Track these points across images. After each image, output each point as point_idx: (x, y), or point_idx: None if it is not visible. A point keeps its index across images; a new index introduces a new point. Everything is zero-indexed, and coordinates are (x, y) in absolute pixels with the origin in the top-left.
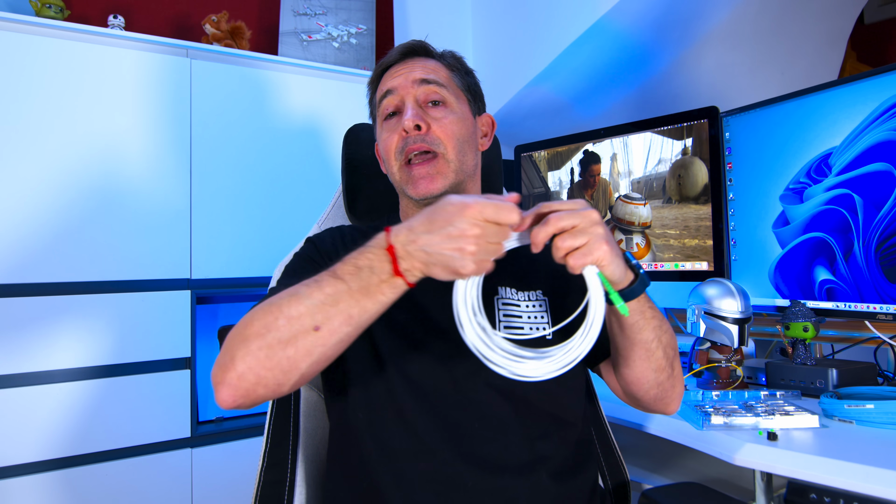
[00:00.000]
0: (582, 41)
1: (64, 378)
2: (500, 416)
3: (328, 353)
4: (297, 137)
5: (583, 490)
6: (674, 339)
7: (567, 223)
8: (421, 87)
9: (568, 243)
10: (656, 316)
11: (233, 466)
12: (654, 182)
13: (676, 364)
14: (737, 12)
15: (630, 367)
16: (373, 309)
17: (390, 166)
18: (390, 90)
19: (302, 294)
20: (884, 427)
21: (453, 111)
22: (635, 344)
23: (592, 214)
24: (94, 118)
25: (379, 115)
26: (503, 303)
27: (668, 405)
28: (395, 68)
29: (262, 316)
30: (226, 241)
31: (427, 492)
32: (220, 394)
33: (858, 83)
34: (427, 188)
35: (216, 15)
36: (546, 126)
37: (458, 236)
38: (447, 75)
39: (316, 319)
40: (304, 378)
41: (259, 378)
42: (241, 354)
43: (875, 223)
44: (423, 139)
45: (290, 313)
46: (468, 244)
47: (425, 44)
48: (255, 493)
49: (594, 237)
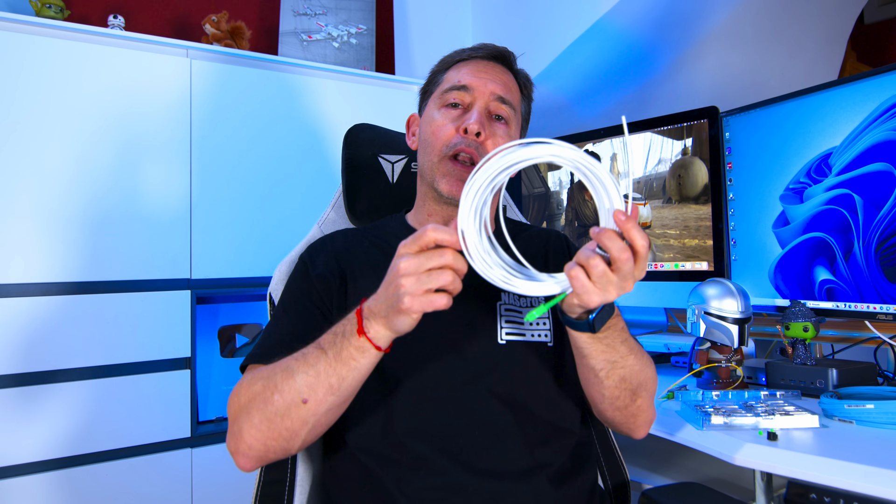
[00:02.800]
0: (582, 41)
1: (64, 378)
2: (500, 423)
3: (322, 420)
4: (297, 137)
5: (582, 492)
6: (641, 375)
7: (623, 268)
8: (495, 102)
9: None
10: (612, 351)
11: (233, 466)
12: (654, 182)
13: (642, 397)
14: (737, 12)
15: (584, 385)
16: (349, 376)
17: (431, 151)
18: (467, 87)
19: (292, 368)
20: (884, 427)
21: (509, 133)
22: (583, 367)
23: (629, 286)
24: (93, 118)
25: (440, 98)
26: (506, 308)
27: (631, 431)
28: (476, 64)
29: (261, 390)
30: (226, 241)
31: (427, 500)
32: (238, 461)
33: (858, 83)
34: (461, 191)
35: (216, 15)
36: (546, 126)
37: (391, 282)
38: (518, 98)
39: (303, 393)
40: (307, 442)
41: (267, 446)
42: (246, 427)
43: (875, 223)
44: (477, 147)
45: (282, 388)
46: (400, 282)
47: (511, 56)
48: (255, 492)
49: (605, 294)
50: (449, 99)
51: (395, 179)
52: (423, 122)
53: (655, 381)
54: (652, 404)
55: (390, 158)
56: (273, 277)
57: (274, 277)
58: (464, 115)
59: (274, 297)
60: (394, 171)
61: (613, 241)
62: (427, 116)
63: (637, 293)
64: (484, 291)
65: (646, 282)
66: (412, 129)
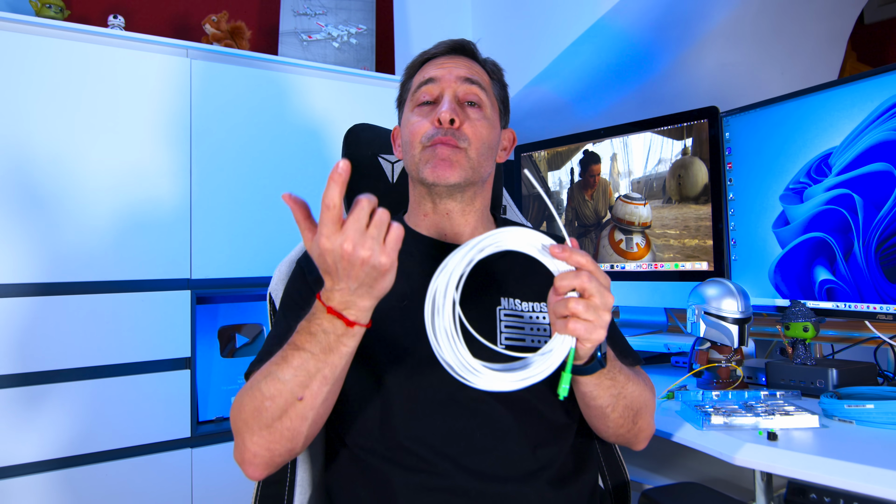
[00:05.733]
0: (582, 41)
1: (64, 378)
2: (501, 424)
3: (320, 411)
4: (297, 137)
5: (583, 492)
6: (641, 398)
7: (592, 289)
8: (463, 85)
9: (578, 309)
10: (615, 383)
11: (233, 466)
12: (654, 182)
13: (643, 416)
14: (737, 12)
15: (588, 420)
16: (340, 362)
17: (412, 149)
18: (432, 79)
19: (274, 373)
20: (884, 427)
21: (486, 116)
22: (591, 408)
23: (610, 299)
24: (93, 118)
25: (412, 100)
26: (505, 313)
27: (631, 445)
28: (439, 60)
29: (250, 401)
30: (226, 241)
31: (429, 502)
32: (247, 471)
33: (858, 83)
34: (444, 173)
35: (216, 15)
36: (546, 126)
37: (350, 264)
38: (488, 81)
39: (296, 392)
40: (310, 437)
41: (271, 451)
42: (248, 437)
43: (875, 223)
44: (454, 133)
45: (270, 394)
46: (360, 255)
47: (473, 45)
48: (255, 493)
49: (601, 322)
50: (420, 98)
51: (395, 180)
52: (402, 128)
53: (654, 398)
54: (652, 422)
55: (390, 158)
56: (273, 277)
57: (274, 277)
58: (436, 108)
59: (274, 297)
60: (394, 172)
61: (569, 278)
62: (404, 121)
63: (637, 293)
64: (484, 296)
65: (646, 282)
66: (397, 142)
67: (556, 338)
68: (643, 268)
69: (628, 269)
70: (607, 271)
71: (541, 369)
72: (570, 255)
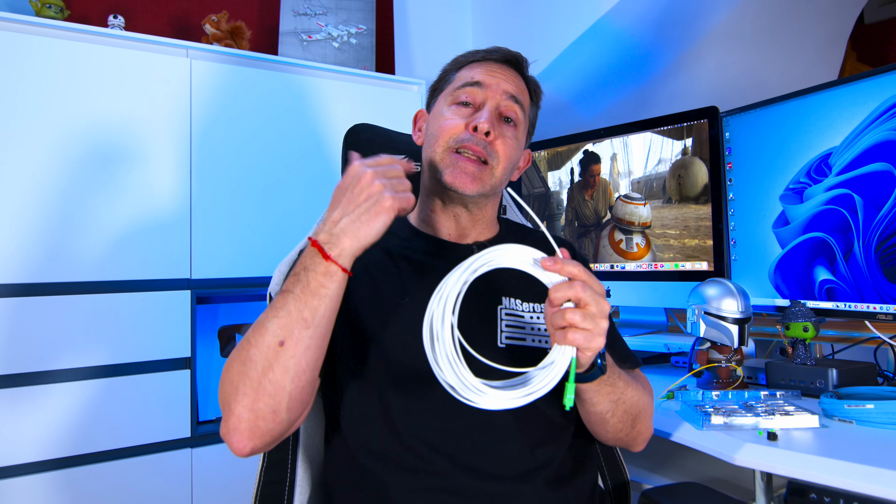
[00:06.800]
0: (582, 41)
1: (64, 378)
2: (500, 423)
3: (302, 363)
4: (296, 137)
5: (582, 492)
6: (640, 403)
7: (587, 298)
8: (507, 101)
9: (575, 319)
10: (615, 389)
11: (233, 466)
12: (654, 182)
13: (641, 420)
14: (737, 12)
15: (588, 425)
16: (321, 306)
17: (436, 144)
18: (480, 83)
19: (262, 320)
20: (884, 427)
21: (517, 136)
22: (590, 413)
23: (606, 306)
24: (93, 118)
25: (451, 95)
26: (506, 313)
27: (630, 447)
28: (490, 65)
29: (237, 356)
30: (226, 241)
31: (427, 501)
32: (232, 443)
33: (858, 83)
34: (465, 183)
35: (216, 15)
36: (546, 126)
37: (360, 190)
38: (528, 101)
39: (278, 336)
40: (293, 399)
41: (255, 412)
42: (234, 399)
43: (875, 223)
44: (485, 146)
45: (256, 341)
46: (375, 185)
47: (524, 61)
48: (255, 493)
49: (599, 329)
50: (460, 96)
51: None
52: (432, 117)
53: (652, 402)
54: (650, 425)
55: None
56: (273, 278)
57: (274, 278)
58: (474, 113)
59: (274, 297)
60: None
61: (563, 289)
62: (436, 112)
63: (637, 293)
64: (485, 295)
65: (646, 282)
66: (419, 125)
67: (556, 349)
68: (643, 268)
69: (628, 269)
70: (607, 271)
71: (544, 383)
72: (562, 267)
